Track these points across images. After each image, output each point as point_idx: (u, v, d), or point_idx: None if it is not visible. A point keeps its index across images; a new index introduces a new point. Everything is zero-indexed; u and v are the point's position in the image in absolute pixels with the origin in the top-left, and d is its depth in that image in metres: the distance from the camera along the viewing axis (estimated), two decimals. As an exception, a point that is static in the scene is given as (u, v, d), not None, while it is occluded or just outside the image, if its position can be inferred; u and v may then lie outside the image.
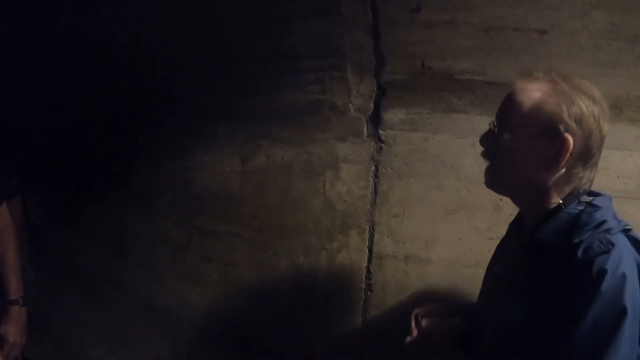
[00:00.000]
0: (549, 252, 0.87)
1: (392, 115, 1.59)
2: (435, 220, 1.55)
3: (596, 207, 0.88)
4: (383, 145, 1.61)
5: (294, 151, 1.79)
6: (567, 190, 0.91)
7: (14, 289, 1.75)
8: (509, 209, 1.47)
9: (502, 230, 1.47)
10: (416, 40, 1.48)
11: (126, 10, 1.99)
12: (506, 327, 0.92)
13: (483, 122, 1.46)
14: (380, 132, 1.61)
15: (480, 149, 1.45)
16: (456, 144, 1.52)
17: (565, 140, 0.86)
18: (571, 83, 0.90)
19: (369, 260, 1.65)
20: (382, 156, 1.61)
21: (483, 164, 1.44)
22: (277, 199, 1.84)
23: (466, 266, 1.53)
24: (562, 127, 0.86)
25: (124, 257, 2.59)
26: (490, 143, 0.96)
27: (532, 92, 0.90)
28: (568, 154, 0.86)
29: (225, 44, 1.86)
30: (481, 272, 1.47)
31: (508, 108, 0.93)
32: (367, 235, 1.64)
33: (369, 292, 1.65)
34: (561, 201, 0.90)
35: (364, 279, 1.66)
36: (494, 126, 0.95)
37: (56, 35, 2.47)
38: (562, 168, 0.88)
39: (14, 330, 1.72)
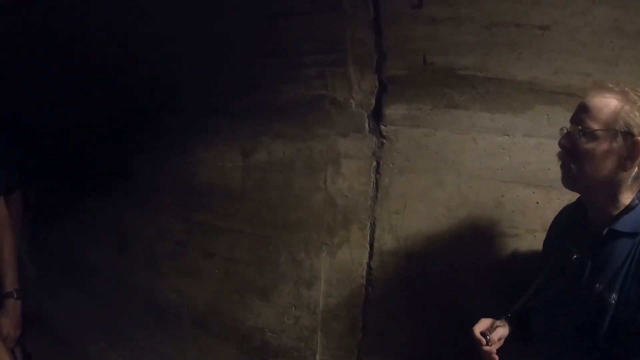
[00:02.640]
0: (628, 241, 1.00)
1: (394, 111, 1.58)
2: (436, 216, 1.55)
3: None
4: (384, 140, 1.61)
5: (295, 146, 1.79)
6: (636, 187, 1.04)
7: (9, 282, 1.75)
8: (510, 205, 1.47)
9: (502, 227, 1.49)
10: (418, 36, 1.48)
11: (127, 6, 1.99)
12: (599, 313, 1.01)
13: (484, 118, 1.49)
14: (382, 127, 1.61)
15: (482, 145, 1.49)
16: (457, 140, 1.51)
17: (638, 142, 0.98)
18: (638, 93, 1.01)
19: (370, 257, 1.65)
20: (384, 152, 1.61)
21: (487, 160, 1.48)
22: (278, 194, 1.84)
23: (467, 263, 1.52)
24: (635, 131, 0.98)
25: (125, 252, 2.60)
26: (571, 146, 1.06)
27: (609, 101, 1.02)
28: None
29: (227, 40, 1.86)
30: (482, 269, 1.49)
31: (588, 115, 1.03)
32: (368, 231, 1.64)
33: (370, 289, 1.65)
34: (635, 197, 1.03)
35: (364, 275, 1.66)
36: (577, 131, 1.04)
37: (57, 32, 2.46)
38: (635, 168, 1.01)
39: (8, 323, 1.72)
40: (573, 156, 1.06)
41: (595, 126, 1.01)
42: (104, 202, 2.75)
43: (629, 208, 1.03)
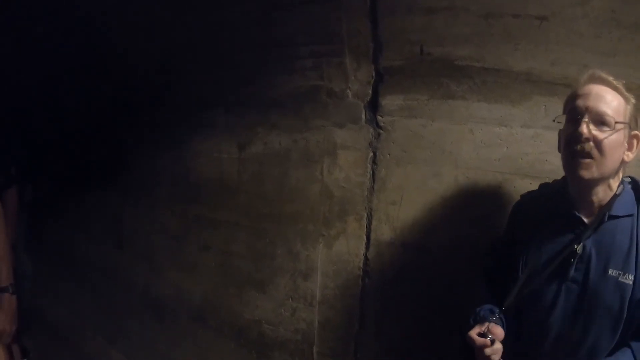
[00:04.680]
0: (625, 223, 1.07)
1: (391, 102, 1.58)
2: (433, 207, 1.54)
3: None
4: (381, 131, 1.60)
5: (292, 138, 1.78)
6: (621, 174, 1.12)
7: (4, 276, 1.71)
8: (507, 197, 1.46)
9: (499, 218, 1.48)
10: (415, 26, 1.47)
11: (123, 0, 1.98)
12: (620, 297, 1.03)
13: (481, 109, 1.48)
14: (379, 118, 1.60)
15: (479, 136, 1.48)
16: (455, 131, 1.51)
17: (637, 135, 1.09)
18: (623, 86, 1.09)
19: (367, 248, 1.64)
20: (380, 142, 1.60)
21: (484, 151, 1.47)
22: (275, 186, 1.83)
23: (464, 254, 1.51)
24: (633, 125, 1.08)
25: (122, 247, 2.59)
26: (592, 136, 1.06)
27: (617, 94, 1.08)
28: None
29: (222, 32, 1.85)
30: (479, 260, 1.48)
31: (609, 106, 1.06)
32: (364, 222, 1.64)
33: (367, 280, 1.65)
34: (619, 183, 1.11)
35: (361, 266, 1.65)
36: (610, 123, 1.06)
37: (53, 27, 2.46)
38: (632, 157, 1.09)
39: (3, 318, 1.69)
40: (600, 147, 1.05)
41: (618, 118, 1.05)
42: (101, 197, 2.74)
43: (617, 194, 1.09)
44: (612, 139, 1.05)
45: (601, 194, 1.10)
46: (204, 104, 2.07)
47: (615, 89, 1.08)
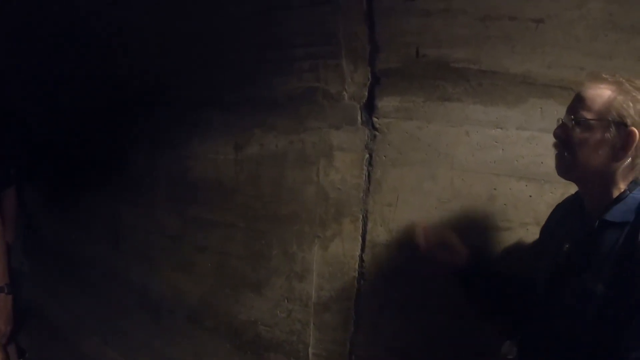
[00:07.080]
0: (617, 231, 0.99)
1: (387, 103, 1.58)
2: (429, 209, 1.54)
3: None
4: (377, 133, 1.60)
5: (288, 139, 1.78)
6: (630, 178, 1.04)
7: (0, 276, 1.73)
8: (502, 199, 1.47)
9: (495, 220, 1.49)
10: (411, 29, 1.47)
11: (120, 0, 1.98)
12: (583, 303, 1.00)
13: (477, 111, 1.48)
14: (375, 120, 1.60)
15: (475, 138, 1.48)
16: (450, 133, 1.51)
17: (631, 132, 0.99)
18: (633, 84, 1.02)
19: (362, 249, 1.64)
20: (376, 144, 1.60)
21: (480, 153, 1.48)
22: (271, 187, 1.83)
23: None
24: (629, 121, 1.00)
25: (119, 247, 2.59)
26: (564, 136, 1.08)
27: (603, 91, 1.03)
28: (634, 145, 0.99)
29: (220, 33, 1.85)
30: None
31: (582, 105, 1.05)
32: (360, 224, 1.64)
33: (362, 281, 1.65)
34: (626, 187, 1.03)
35: (357, 267, 1.65)
36: (570, 121, 1.06)
37: (50, 26, 2.45)
38: (628, 158, 1.01)
39: None
40: (567, 146, 1.07)
41: (588, 116, 1.03)
42: (98, 197, 2.74)
43: (619, 198, 1.03)
44: (583, 137, 1.03)
45: (597, 196, 1.07)
46: (200, 104, 2.07)
47: (611, 84, 1.03)
